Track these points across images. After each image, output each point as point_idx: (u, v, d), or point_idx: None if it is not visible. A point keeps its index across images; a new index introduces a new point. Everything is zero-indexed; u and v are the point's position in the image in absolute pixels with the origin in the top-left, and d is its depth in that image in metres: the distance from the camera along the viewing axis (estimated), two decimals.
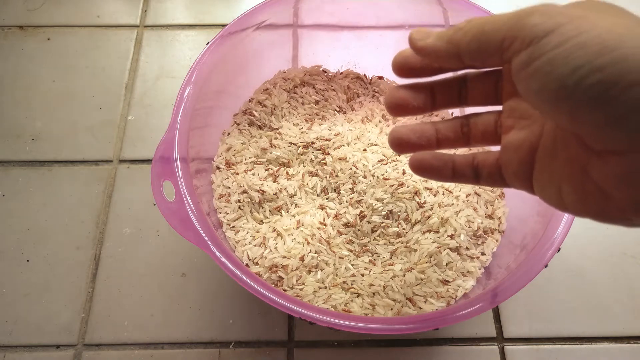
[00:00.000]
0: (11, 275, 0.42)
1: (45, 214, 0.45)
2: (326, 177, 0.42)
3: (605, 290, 0.42)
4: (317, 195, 0.42)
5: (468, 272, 0.38)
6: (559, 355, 0.40)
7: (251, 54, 0.45)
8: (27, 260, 0.43)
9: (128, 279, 0.42)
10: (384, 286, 0.37)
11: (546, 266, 0.31)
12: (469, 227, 0.39)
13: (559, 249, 0.32)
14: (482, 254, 0.40)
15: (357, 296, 0.37)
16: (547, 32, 0.18)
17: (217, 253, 0.31)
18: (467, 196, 0.41)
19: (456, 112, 0.47)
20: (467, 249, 0.39)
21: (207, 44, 0.39)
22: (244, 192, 0.41)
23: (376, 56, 0.48)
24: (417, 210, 0.39)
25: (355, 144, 0.43)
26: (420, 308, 0.36)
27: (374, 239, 0.39)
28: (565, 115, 0.18)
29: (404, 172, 0.40)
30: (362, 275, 0.38)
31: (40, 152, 0.49)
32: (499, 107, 0.25)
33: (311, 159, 0.43)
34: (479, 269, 0.39)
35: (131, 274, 0.43)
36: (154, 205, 0.45)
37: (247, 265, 0.39)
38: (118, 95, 0.52)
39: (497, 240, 0.40)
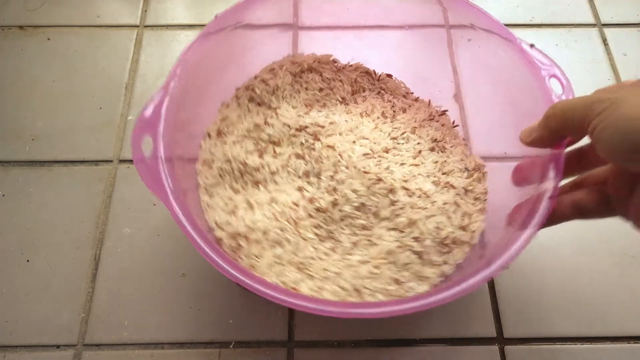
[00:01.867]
0: (11, 275, 0.42)
1: (45, 214, 0.45)
2: (311, 162, 0.42)
3: (605, 290, 0.42)
4: (299, 177, 0.42)
5: (425, 277, 0.37)
6: (559, 355, 0.40)
7: (251, 53, 0.45)
8: (27, 260, 0.43)
9: (128, 279, 0.42)
10: (337, 273, 0.37)
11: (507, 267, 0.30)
12: (437, 234, 0.38)
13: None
14: (445, 263, 0.38)
15: (309, 277, 0.37)
16: (612, 101, 0.23)
17: (175, 207, 0.31)
18: (444, 204, 0.40)
19: (456, 117, 0.47)
20: (429, 254, 0.38)
21: (215, 16, 0.38)
22: (227, 161, 0.42)
23: (376, 56, 0.48)
24: (388, 207, 0.39)
25: (347, 135, 0.43)
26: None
27: (341, 227, 0.39)
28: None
29: (387, 168, 0.40)
30: (321, 259, 0.38)
31: (40, 152, 0.49)
32: None
33: (301, 142, 0.43)
34: (438, 277, 0.38)
35: (131, 274, 0.43)
36: (154, 205, 0.45)
37: (212, 229, 0.39)
38: (118, 95, 0.52)
39: (465, 253, 0.39)
